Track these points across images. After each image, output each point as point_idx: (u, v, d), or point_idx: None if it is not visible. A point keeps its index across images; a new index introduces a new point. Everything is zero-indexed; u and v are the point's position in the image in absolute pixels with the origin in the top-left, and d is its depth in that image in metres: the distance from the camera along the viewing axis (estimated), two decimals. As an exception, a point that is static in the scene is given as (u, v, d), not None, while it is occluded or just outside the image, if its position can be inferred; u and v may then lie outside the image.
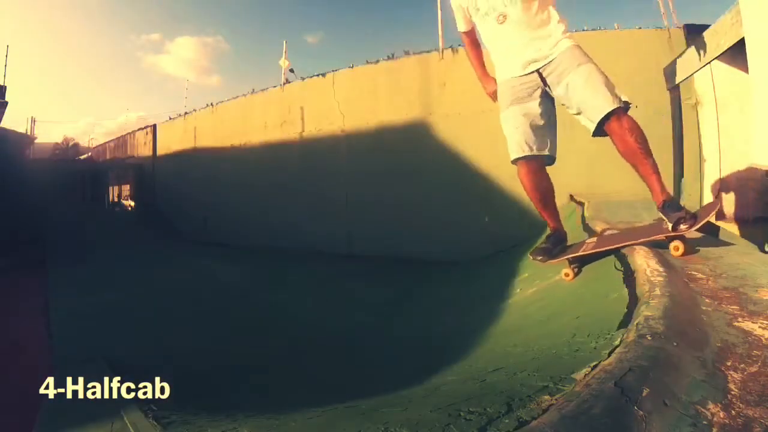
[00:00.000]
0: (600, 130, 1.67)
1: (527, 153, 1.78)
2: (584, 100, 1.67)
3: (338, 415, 1.16)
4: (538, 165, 1.83)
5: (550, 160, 1.86)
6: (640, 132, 1.63)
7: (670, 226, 1.56)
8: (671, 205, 1.59)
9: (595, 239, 1.97)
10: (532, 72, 1.77)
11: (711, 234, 1.75)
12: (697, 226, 1.54)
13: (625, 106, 1.64)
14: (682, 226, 1.53)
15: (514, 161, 1.83)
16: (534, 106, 1.79)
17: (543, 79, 1.77)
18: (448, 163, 4.71)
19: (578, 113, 1.72)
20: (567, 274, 1.88)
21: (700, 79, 3.55)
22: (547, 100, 1.82)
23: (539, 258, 1.95)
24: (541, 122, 1.80)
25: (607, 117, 1.62)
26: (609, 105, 1.61)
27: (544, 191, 1.88)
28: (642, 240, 1.64)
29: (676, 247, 1.54)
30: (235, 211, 6.93)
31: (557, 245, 1.95)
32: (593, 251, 1.79)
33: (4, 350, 2.71)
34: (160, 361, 2.21)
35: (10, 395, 1.94)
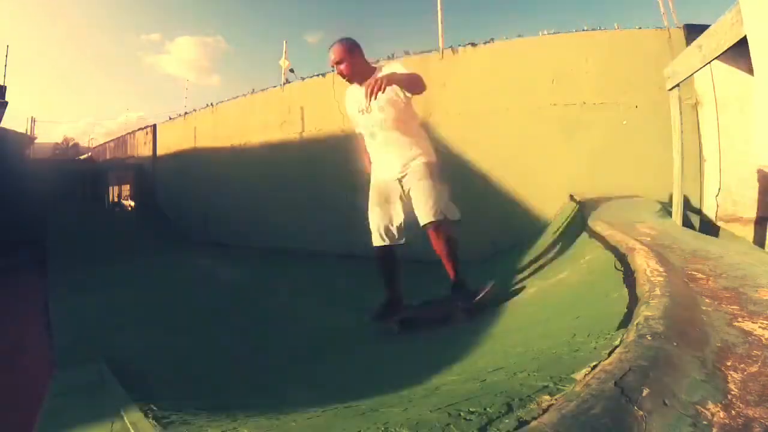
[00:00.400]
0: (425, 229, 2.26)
1: (382, 243, 2.38)
2: (416, 207, 2.27)
3: (338, 415, 1.16)
4: (389, 251, 2.41)
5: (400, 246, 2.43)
6: (448, 238, 2.26)
7: (456, 304, 2.29)
8: (457, 286, 2.33)
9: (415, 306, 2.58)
10: (394, 180, 2.32)
11: (711, 234, 1.75)
12: (478, 299, 2.25)
13: (442, 219, 2.23)
14: (462, 306, 2.27)
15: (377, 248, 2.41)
16: (394, 207, 2.35)
17: (401, 185, 2.32)
18: (448, 163, 4.70)
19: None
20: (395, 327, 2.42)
21: (700, 79, 3.54)
22: (407, 200, 2.34)
23: (372, 318, 2.46)
24: (400, 218, 2.35)
25: (426, 226, 2.23)
26: (428, 218, 2.21)
27: (397, 270, 2.50)
28: (433, 312, 2.48)
29: (454, 321, 2.30)
30: (235, 210, 6.93)
31: (396, 310, 2.47)
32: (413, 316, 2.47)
33: (5, 350, 2.71)
34: (160, 361, 2.21)
35: (10, 395, 1.94)
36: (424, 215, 2.21)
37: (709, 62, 2.54)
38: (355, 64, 2.32)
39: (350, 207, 5.53)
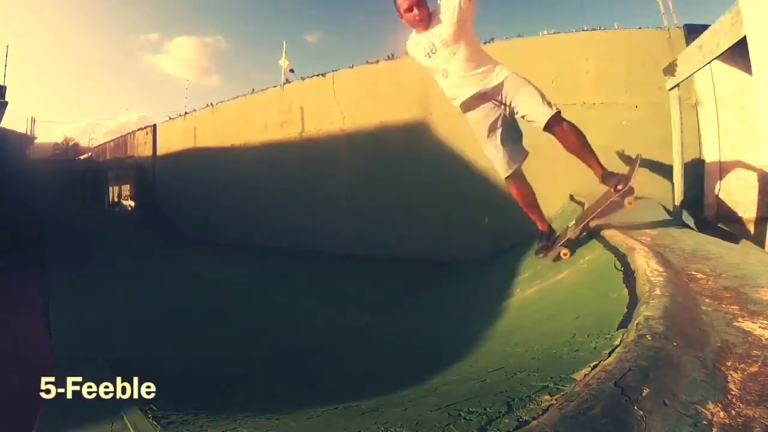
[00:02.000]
0: (548, 130, 2.13)
1: (513, 169, 2.27)
2: (529, 112, 2.15)
3: (338, 415, 1.16)
4: (520, 174, 2.31)
5: (525, 156, 2.34)
6: (574, 129, 2.11)
7: (612, 189, 2.06)
8: (607, 175, 2.13)
9: (572, 223, 2.39)
10: (488, 100, 2.23)
11: (711, 234, 1.76)
12: (631, 181, 2.02)
13: (558, 111, 2.10)
14: (619, 186, 2.03)
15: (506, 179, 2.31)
16: (502, 129, 2.25)
17: (499, 102, 2.22)
18: (448, 163, 4.71)
19: (531, 121, 2.19)
20: (565, 254, 2.26)
21: (700, 79, 3.55)
22: (508, 117, 2.25)
23: (541, 256, 2.39)
24: (512, 138, 2.26)
25: (547, 122, 2.08)
26: (546, 114, 2.08)
27: (529, 197, 2.36)
28: (604, 206, 2.14)
29: (629, 202, 2.02)
30: (235, 211, 6.93)
31: (549, 240, 2.40)
32: (578, 232, 2.28)
33: (5, 350, 2.71)
34: (160, 362, 2.21)
35: (10, 395, 1.94)
36: (544, 111, 2.09)
37: (709, 62, 2.54)
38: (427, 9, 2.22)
39: (350, 207, 5.57)
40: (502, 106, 2.23)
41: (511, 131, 2.26)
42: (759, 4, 1.83)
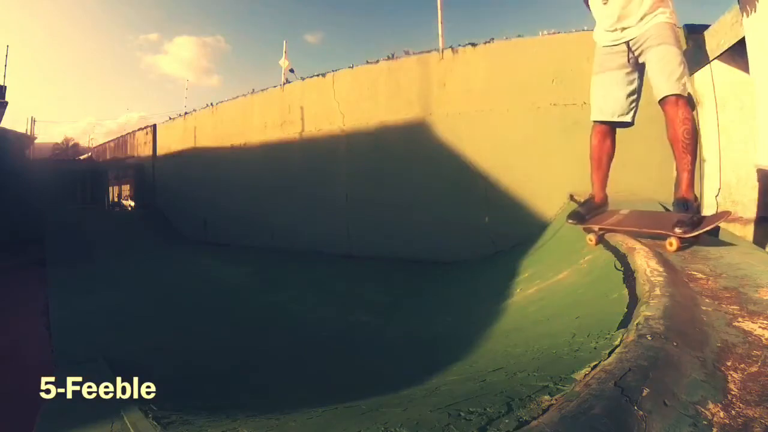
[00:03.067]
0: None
1: (599, 118, 1.97)
2: (653, 76, 1.78)
3: (338, 415, 1.16)
4: (610, 129, 2.01)
5: (626, 125, 2.01)
6: (692, 126, 1.70)
7: (672, 224, 1.64)
8: (680, 204, 1.70)
9: (624, 214, 2.07)
10: (620, 44, 1.87)
11: (711, 234, 1.75)
12: (695, 234, 1.59)
13: (688, 97, 1.71)
14: (677, 230, 1.60)
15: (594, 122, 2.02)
16: (617, 76, 1.91)
17: (631, 50, 1.86)
18: (448, 163, 4.71)
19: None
20: (590, 239, 2.02)
21: (700, 79, 3.54)
22: (635, 69, 1.90)
23: (571, 221, 2.12)
24: (623, 90, 1.92)
25: (665, 99, 1.71)
26: (668, 90, 1.70)
27: (603, 154, 2.05)
28: (658, 231, 1.71)
29: (670, 243, 1.62)
30: (236, 210, 6.93)
31: (590, 212, 2.09)
32: (619, 228, 1.92)
33: (5, 350, 2.71)
34: (160, 361, 2.21)
35: (10, 395, 1.94)
36: (664, 86, 1.73)
37: (709, 62, 2.54)
38: None
39: (350, 207, 5.56)
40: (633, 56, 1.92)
41: (628, 85, 1.96)
42: (759, 4, 1.83)
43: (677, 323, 0.93)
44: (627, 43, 1.86)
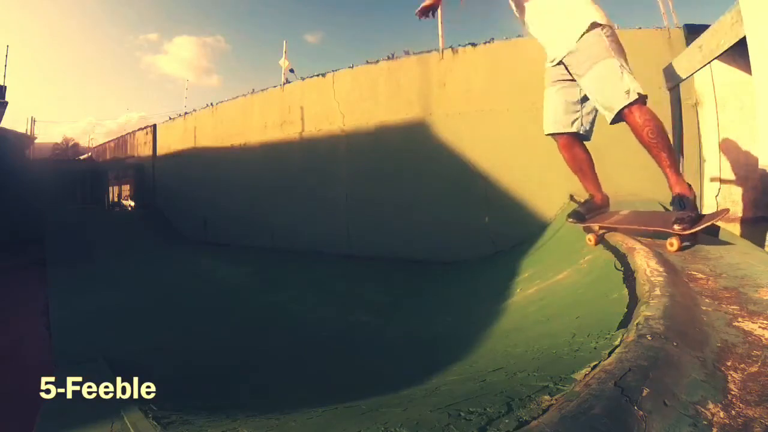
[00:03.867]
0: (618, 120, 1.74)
1: (547, 131, 1.98)
2: (597, 101, 1.78)
3: (338, 415, 1.16)
4: (568, 140, 1.98)
5: (581, 137, 2.00)
6: (654, 125, 1.66)
7: (671, 221, 1.61)
8: (678, 202, 1.65)
9: (624, 214, 2.07)
10: (559, 63, 1.87)
11: (711, 234, 1.75)
12: (694, 230, 1.55)
13: (638, 97, 1.67)
14: (676, 227, 1.57)
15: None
16: (559, 89, 1.93)
17: (567, 68, 1.85)
18: (448, 163, 4.71)
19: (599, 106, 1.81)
20: (590, 239, 2.02)
21: (700, 79, 3.55)
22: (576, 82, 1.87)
23: (571, 220, 2.10)
24: (564, 103, 1.93)
25: (620, 114, 1.69)
26: (618, 105, 1.68)
27: (580, 163, 2.03)
28: (656, 228, 1.72)
29: (670, 243, 1.59)
30: (236, 210, 6.93)
31: (591, 212, 2.09)
32: (618, 226, 1.92)
33: (5, 350, 2.71)
34: (160, 361, 2.21)
35: (10, 395, 1.94)
36: (613, 101, 1.72)
37: (709, 62, 2.54)
38: None
39: (350, 207, 5.56)
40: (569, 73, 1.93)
41: (574, 96, 1.96)
42: (759, 4, 1.83)
43: (677, 323, 0.93)
44: (563, 62, 1.86)
